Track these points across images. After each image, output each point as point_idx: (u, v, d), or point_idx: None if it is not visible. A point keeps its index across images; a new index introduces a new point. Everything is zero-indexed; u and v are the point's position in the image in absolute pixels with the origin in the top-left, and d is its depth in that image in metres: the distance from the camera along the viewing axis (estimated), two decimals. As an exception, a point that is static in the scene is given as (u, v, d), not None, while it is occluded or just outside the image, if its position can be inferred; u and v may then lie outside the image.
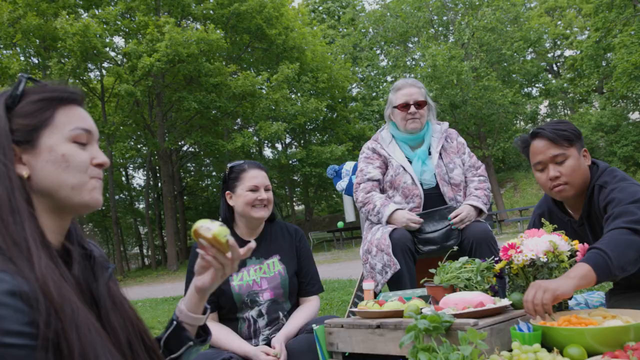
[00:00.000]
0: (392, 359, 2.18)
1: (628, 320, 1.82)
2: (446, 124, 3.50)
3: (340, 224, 21.60)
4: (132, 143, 27.23)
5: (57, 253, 1.06)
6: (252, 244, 1.38)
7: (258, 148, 30.08)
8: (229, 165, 2.76)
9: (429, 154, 3.32)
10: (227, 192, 2.68)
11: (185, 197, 31.57)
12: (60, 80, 1.22)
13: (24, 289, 0.91)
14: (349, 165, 4.68)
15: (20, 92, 1.11)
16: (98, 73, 24.32)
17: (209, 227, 1.28)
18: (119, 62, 23.69)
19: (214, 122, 24.30)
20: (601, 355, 1.67)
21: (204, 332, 1.45)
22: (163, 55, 19.78)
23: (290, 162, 27.08)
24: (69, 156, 1.11)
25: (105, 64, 23.55)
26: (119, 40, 24.51)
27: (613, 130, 25.54)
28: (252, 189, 2.58)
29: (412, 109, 3.27)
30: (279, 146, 31.24)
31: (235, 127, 26.79)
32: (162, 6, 22.71)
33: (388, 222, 3.12)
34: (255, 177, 2.62)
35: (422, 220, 3.06)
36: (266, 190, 2.62)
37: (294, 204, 35.42)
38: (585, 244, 2.22)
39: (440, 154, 3.29)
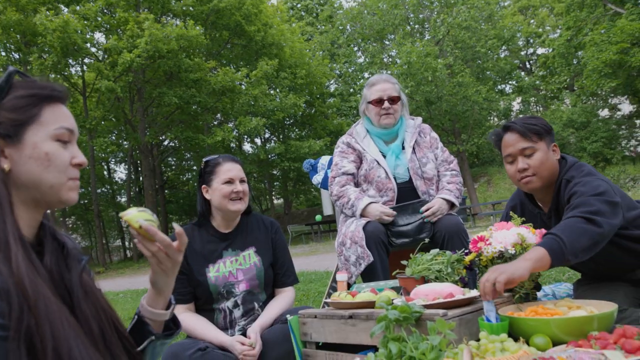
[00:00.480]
0: (363, 349, 2.19)
1: (592, 310, 1.87)
2: (419, 119, 3.50)
3: (318, 217, 21.63)
4: (114, 138, 26.97)
5: (31, 245, 1.07)
6: (178, 229, 1.29)
7: (238, 143, 30.01)
8: (204, 159, 2.78)
9: (403, 148, 3.32)
10: (203, 186, 2.68)
11: (166, 191, 31.38)
12: (44, 77, 1.20)
13: None
14: (324, 160, 4.66)
15: (8, 85, 1.10)
16: (79, 68, 23.97)
17: (128, 214, 1.25)
18: (100, 58, 23.37)
19: (194, 117, 24.14)
20: (565, 344, 1.70)
21: (174, 326, 1.42)
22: (143, 51, 19.56)
23: (269, 156, 27.07)
24: (51, 155, 1.12)
25: (86, 60, 23.23)
26: (99, 36, 24.19)
27: (583, 126, 25.87)
28: (227, 181, 2.58)
29: (386, 104, 3.27)
30: (258, 141, 31.23)
31: (215, 122, 26.65)
32: (142, 2, 22.44)
33: (362, 215, 3.12)
34: (230, 170, 2.62)
35: (395, 213, 3.07)
36: (241, 182, 2.63)
37: (273, 197, 35.39)
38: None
39: (413, 148, 3.30)
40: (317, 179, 4.71)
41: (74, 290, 1.14)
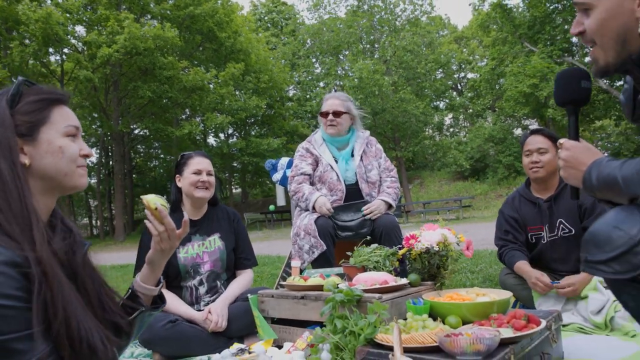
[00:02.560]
0: (311, 324, 2.31)
1: (494, 297, 2.02)
2: (368, 132, 3.61)
3: (271, 207, 21.53)
4: (88, 124, 25.96)
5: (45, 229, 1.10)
6: (186, 217, 1.43)
7: (203, 136, 29.45)
8: (181, 154, 2.83)
9: (352, 155, 3.42)
10: (177, 175, 2.75)
11: (134, 176, 30.44)
12: (49, 85, 1.25)
13: (17, 260, 0.95)
14: (284, 161, 4.75)
15: (19, 93, 1.14)
16: (59, 57, 22.91)
17: (148, 196, 1.37)
18: (80, 50, 22.45)
19: (164, 110, 23.47)
20: (472, 323, 1.86)
21: (160, 300, 1.48)
22: (121, 47, 18.91)
23: (231, 150, 26.67)
24: (64, 148, 1.16)
25: (65, 50, 22.23)
26: (80, 29, 23.20)
27: (501, 142, 26.32)
28: (195, 172, 2.67)
29: (330, 117, 3.37)
30: (222, 136, 30.74)
31: (184, 117, 26.08)
32: (123, 2, 21.70)
33: (313, 207, 3.22)
34: (199, 162, 2.70)
35: (332, 210, 3.17)
36: (208, 174, 2.71)
37: (232, 187, 34.98)
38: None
39: (361, 157, 3.42)
40: (276, 177, 4.80)
41: (78, 270, 1.18)
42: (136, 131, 27.56)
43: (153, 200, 1.36)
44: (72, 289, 1.08)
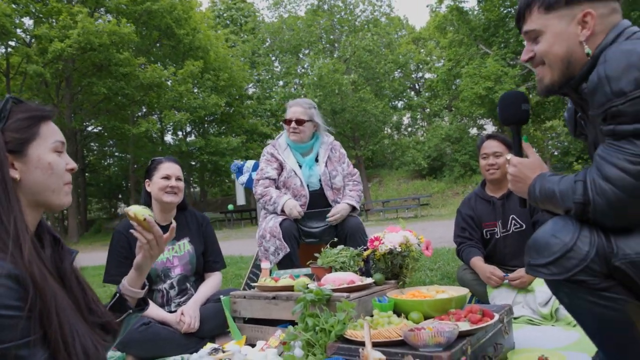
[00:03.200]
0: (282, 323, 2.42)
1: (452, 294, 2.17)
2: (332, 137, 3.68)
3: (230, 207, 21.34)
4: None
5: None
6: (174, 224, 1.55)
7: (160, 134, 28.90)
8: (152, 159, 2.87)
9: (317, 161, 3.49)
10: (147, 180, 2.79)
11: (87, 174, 29.54)
12: (36, 102, 1.30)
13: (16, 272, 1.00)
14: (249, 164, 4.83)
15: (8, 111, 1.17)
16: (4, 50, 21.93)
17: (133, 209, 1.46)
18: (27, 43, 21.58)
19: (120, 108, 22.86)
20: (433, 318, 2.00)
21: (143, 303, 1.57)
22: (75, 42, 18.28)
23: (190, 149, 26.29)
24: (53, 164, 1.21)
25: (12, 43, 21.28)
26: (28, 22, 22.28)
27: (457, 141, 26.83)
28: (165, 177, 2.71)
29: (293, 124, 3.44)
30: (180, 134, 30.24)
31: (140, 114, 25.50)
32: (76, -5, 21.02)
33: (282, 210, 3.29)
34: (168, 167, 2.75)
35: (302, 213, 3.27)
36: (177, 179, 2.76)
37: (191, 186, 34.48)
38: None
39: (326, 163, 3.49)
40: (242, 179, 4.87)
41: (66, 277, 1.23)
42: (89, 128, 26.75)
43: (140, 212, 1.45)
44: (64, 297, 1.14)
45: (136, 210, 1.45)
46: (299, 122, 3.45)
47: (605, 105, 1.25)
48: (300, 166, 3.46)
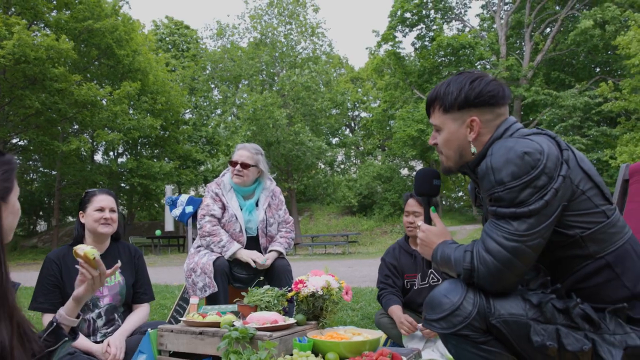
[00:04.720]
0: (207, 357, 2.48)
1: (367, 336, 2.36)
2: (274, 183, 3.75)
3: (158, 232, 20.72)
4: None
5: None
6: (118, 264, 1.74)
7: (90, 152, 27.81)
8: (85, 191, 2.95)
9: (257, 206, 3.59)
10: (80, 212, 2.82)
11: (5, 189, 27.64)
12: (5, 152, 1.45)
13: None
14: (184, 197, 4.91)
15: None
16: None
17: (83, 248, 1.69)
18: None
19: (51, 123, 21.88)
20: (348, 359, 2.17)
21: (73, 332, 1.68)
22: (9, 53, 17.50)
23: (120, 170, 25.49)
24: (18, 209, 1.33)
25: None
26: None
27: (388, 180, 27.73)
28: (98, 209, 2.75)
29: (238, 167, 3.51)
30: (111, 154, 29.25)
31: (71, 131, 24.47)
32: (13, 5, 20.12)
33: (232, 257, 3.39)
34: (102, 200, 2.78)
35: (260, 262, 3.36)
36: (111, 211, 2.78)
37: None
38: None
39: (265, 210, 3.58)
40: (175, 212, 4.94)
41: (12, 309, 1.22)
42: (14, 140, 25.27)
43: (90, 252, 1.65)
44: (15, 332, 1.17)
45: (86, 250, 1.67)
46: (244, 165, 3.53)
47: (490, 191, 1.52)
48: (242, 208, 3.54)
